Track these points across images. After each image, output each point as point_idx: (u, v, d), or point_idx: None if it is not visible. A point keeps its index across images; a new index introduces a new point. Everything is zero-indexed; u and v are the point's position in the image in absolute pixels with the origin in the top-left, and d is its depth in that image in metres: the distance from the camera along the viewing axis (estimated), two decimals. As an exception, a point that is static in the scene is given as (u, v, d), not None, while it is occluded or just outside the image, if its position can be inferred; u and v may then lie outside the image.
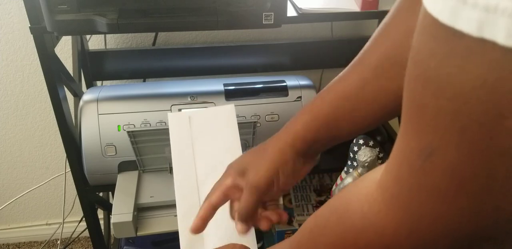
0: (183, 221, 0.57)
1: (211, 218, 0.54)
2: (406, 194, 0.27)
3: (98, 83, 1.19)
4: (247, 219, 0.52)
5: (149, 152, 0.87)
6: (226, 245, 0.53)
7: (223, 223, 0.57)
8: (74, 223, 1.39)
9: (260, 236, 1.15)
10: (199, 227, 0.53)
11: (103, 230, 1.17)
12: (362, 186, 0.33)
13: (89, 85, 1.14)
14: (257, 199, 0.51)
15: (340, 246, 0.34)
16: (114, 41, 1.18)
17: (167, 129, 0.83)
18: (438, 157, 0.23)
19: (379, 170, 0.31)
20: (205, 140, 0.63)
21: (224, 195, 0.53)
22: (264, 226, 0.54)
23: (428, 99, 0.23)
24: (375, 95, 0.47)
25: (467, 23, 0.19)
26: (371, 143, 0.95)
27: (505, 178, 0.22)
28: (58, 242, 1.42)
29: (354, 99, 0.48)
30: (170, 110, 0.90)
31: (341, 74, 0.51)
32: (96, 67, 1.14)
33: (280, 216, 0.55)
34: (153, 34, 1.15)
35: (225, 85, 0.95)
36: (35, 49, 0.77)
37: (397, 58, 0.44)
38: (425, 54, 0.22)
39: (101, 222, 1.15)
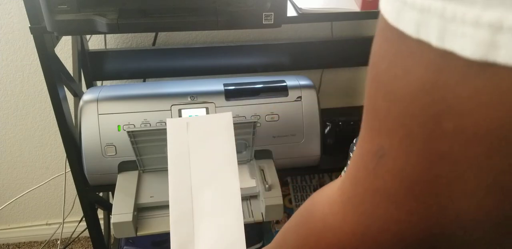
0: (175, 225, 0.57)
1: None
2: (361, 196, 0.27)
3: (98, 83, 1.19)
4: None
5: (149, 152, 0.87)
6: None
7: (214, 229, 0.57)
8: (74, 223, 1.39)
9: (260, 236, 1.15)
10: None
11: (103, 230, 1.17)
12: (327, 189, 0.34)
13: (89, 85, 1.14)
14: None
15: (304, 248, 0.35)
16: (114, 41, 1.18)
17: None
18: (389, 159, 0.24)
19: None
20: (201, 147, 0.64)
21: None
22: None
23: (379, 102, 0.23)
24: None
25: (407, 24, 0.20)
26: (371, 143, 0.95)
27: (447, 182, 0.22)
28: (58, 242, 1.42)
29: None
30: (170, 110, 0.90)
31: None
32: (96, 67, 1.14)
33: None
34: (153, 34, 1.15)
35: (225, 85, 0.95)
36: (35, 49, 0.77)
37: None
38: (378, 56, 0.23)
39: (101, 222, 1.15)
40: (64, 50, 1.14)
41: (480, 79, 0.18)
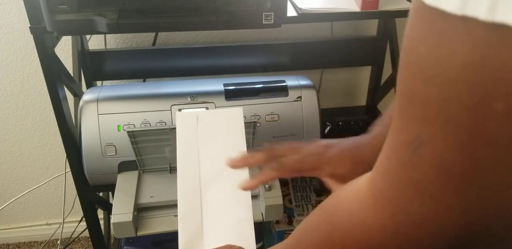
0: (183, 220, 0.57)
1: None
2: (394, 189, 0.26)
3: (98, 83, 1.19)
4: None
5: (149, 152, 0.87)
6: (224, 246, 0.53)
7: (223, 224, 0.57)
8: (74, 223, 1.39)
9: (260, 236, 1.15)
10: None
11: (103, 230, 1.17)
12: (353, 185, 0.32)
13: (89, 85, 1.14)
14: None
15: (328, 244, 0.34)
16: (114, 41, 1.18)
17: (167, 129, 0.83)
18: (427, 149, 0.23)
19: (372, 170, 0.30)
20: (211, 142, 0.63)
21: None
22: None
23: (418, 87, 0.22)
24: None
25: (449, 2, 0.19)
26: (371, 143, 0.95)
27: (491, 171, 0.21)
28: (58, 242, 1.42)
29: None
30: (170, 110, 0.90)
31: None
32: (96, 67, 1.14)
33: None
34: (153, 34, 1.15)
35: (225, 85, 0.95)
36: (35, 49, 0.77)
37: None
38: (415, 39, 0.22)
39: (101, 222, 1.15)
40: (64, 50, 1.14)
41: None
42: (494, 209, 0.22)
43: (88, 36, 1.12)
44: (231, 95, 0.93)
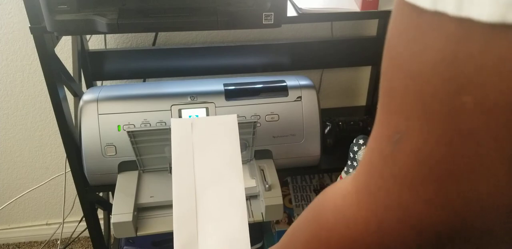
0: (179, 225, 0.57)
1: None
2: (375, 183, 0.26)
3: (98, 83, 1.19)
4: None
5: (149, 152, 0.87)
6: None
7: (218, 229, 0.57)
8: (74, 223, 1.39)
9: (260, 236, 1.15)
10: None
11: (103, 230, 1.17)
12: (339, 183, 0.33)
13: (89, 85, 1.14)
14: None
15: (314, 242, 0.33)
16: (114, 41, 1.18)
17: (167, 129, 0.83)
18: (406, 142, 0.23)
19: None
20: (206, 148, 0.63)
21: None
22: None
23: (397, 82, 0.23)
24: None
25: None
26: (371, 143, 0.95)
27: (469, 164, 0.21)
28: (58, 242, 1.42)
29: None
30: (170, 110, 0.90)
31: None
32: (96, 67, 1.14)
33: None
34: (153, 34, 1.15)
35: (225, 85, 0.95)
36: (35, 49, 0.77)
37: None
38: (395, 35, 0.23)
39: (101, 222, 1.15)
40: (64, 50, 1.14)
41: (503, 46, 0.18)
42: (474, 203, 0.22)
43: (88, 36, 1.12)
44: (231, 95, 0.93)
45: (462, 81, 0.19)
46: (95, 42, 1.17)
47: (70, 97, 0.93)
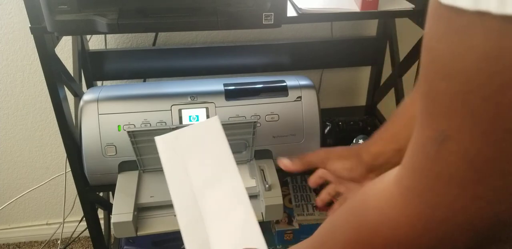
0: (187, 234, 0.57)
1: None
2: (422, 184, 0.26)
3: (98, 83, 1.19)
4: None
5: (149, 152, 0.87)
6: None
7: (228, 228, 0.57)
8: (74, 223, 1.39)
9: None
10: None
11: (103, 230, 1.17)
12: (379, 183, 0.33)
13: (89, 85, 1.14)
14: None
15: (356, 243, 0.34)
16: (114, 41, 1.18)
17: (168, 129, 0.83)
18: (452, 142, 0.23)
19: (397, 167, 0.31)
20: (196, 156, 0.64)
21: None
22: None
23: (438, 84, 0.23)
24: None
25: None
26: (371, 143, 0.95)
27: None
28: (58, 242, 1.42)
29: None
30: (170, 110, 0.90)
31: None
32: (96, 67, 1.14)
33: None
34: (153, 34, 1.15)
35: (225, 85, 0.95)
36: (35, 49, 0.77)
37: None
38: (434, 38, 0.23)
39: (101, 222, 1.15)
40: (64, 50, 1.14)
41: None
42: None
43: (88, 36, 1.13)
44: (231, 95, 0.93)
45: (506, 76, 0.20)
46: (95, 42, 1.17)
47: (70, 97, 0.93)
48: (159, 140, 0.66)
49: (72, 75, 1.00)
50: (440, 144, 0.24)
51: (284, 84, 0.96)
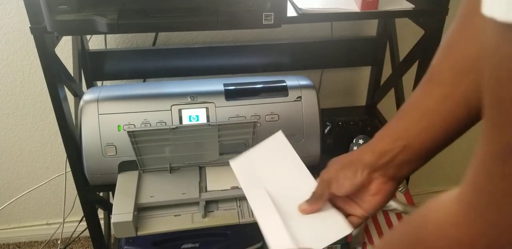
0: (272, 238, 0.59)
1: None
2: (485, 203, 0.25)
3: (98, 83, 1.19)
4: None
5: (149, 152, 0.87)
6: None
7: (309, 220, 0.59)
8: (74, 223, 1.39)
9: (260, 236, 1.15)
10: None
11: (103, 230, 1.17)
12: (441, 199, 0.32)
13: (90, 85, 1.14)
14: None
15: None
16: (114, 41, 1.18)
17: (168, 129, 0.83)
18: None
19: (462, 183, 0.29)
20: (273, 173, 0.65)
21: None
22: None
23: (506, 92, 0.21)
24: (453, 108, 0.45)
25: None
26: (371, 143, 0.95)
27: None
28: (59, 242, 1.42)
29: (432, 115, 0.47)
30: (170, 110, 0.90)
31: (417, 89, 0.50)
32: (96, 67, 1.14)
33: None
34: (153, 34, 1.15)
35: (225, 85, 0.95)
36: (35, 49, 0.77)
37: (473, 66, 0.42)
38: (505, 59, 0.21)
39: (101, 222, 1.15)
40: (64, 50, 1.14)
41: None
42: None
43: (88, 36, 1.13)
44: (231, 95, 0.93)
45: None
46: (95, 42, 1.17)
47: (70, 97, 0.94)
48: (233, 164, 0.67)
49: (72, 75, 1.00)
50: (505, 160, 0.22)
51: (284, 84, 0.96)
